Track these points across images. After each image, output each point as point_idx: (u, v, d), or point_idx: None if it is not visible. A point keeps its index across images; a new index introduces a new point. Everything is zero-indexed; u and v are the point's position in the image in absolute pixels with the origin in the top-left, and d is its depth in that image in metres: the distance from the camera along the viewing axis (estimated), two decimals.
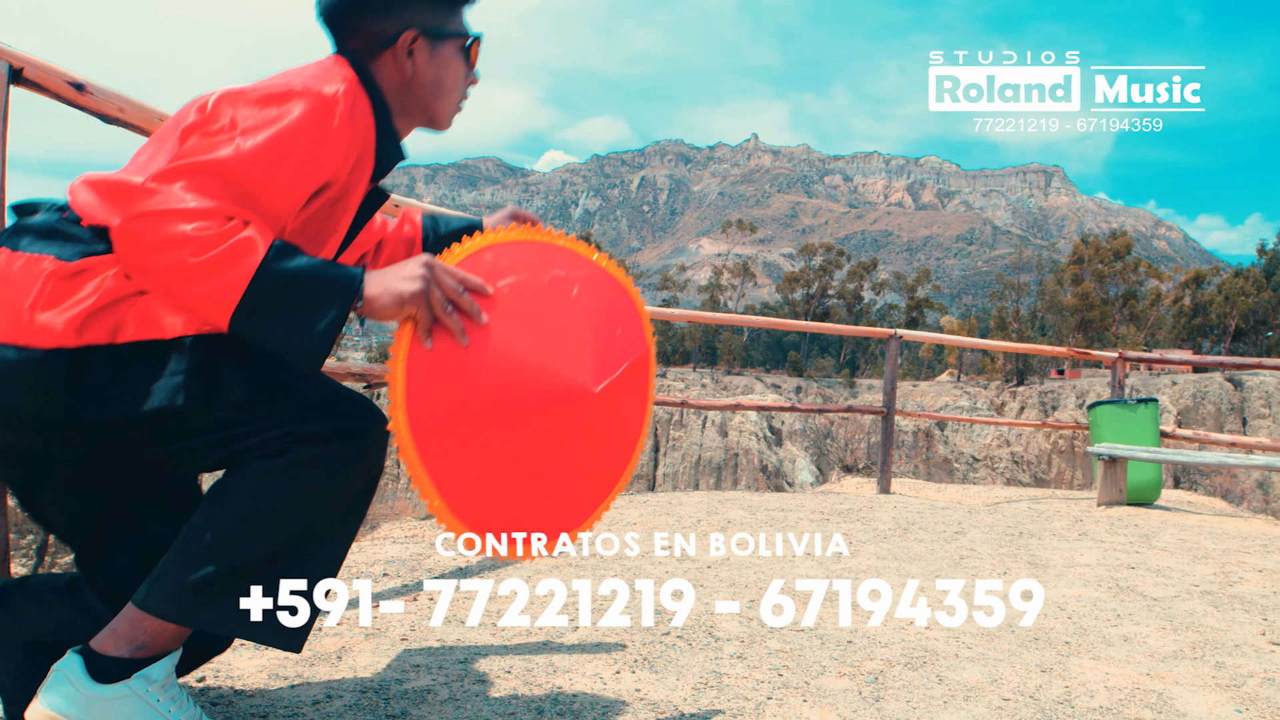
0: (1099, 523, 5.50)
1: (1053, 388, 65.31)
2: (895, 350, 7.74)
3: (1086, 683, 2.41)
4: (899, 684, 2.33)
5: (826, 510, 5.44)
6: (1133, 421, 7.33)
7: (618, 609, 2.95)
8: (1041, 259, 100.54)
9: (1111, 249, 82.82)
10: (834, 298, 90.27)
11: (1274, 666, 2.63)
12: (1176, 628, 3.02)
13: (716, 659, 2.48)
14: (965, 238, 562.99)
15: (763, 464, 58.50)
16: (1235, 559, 4.37)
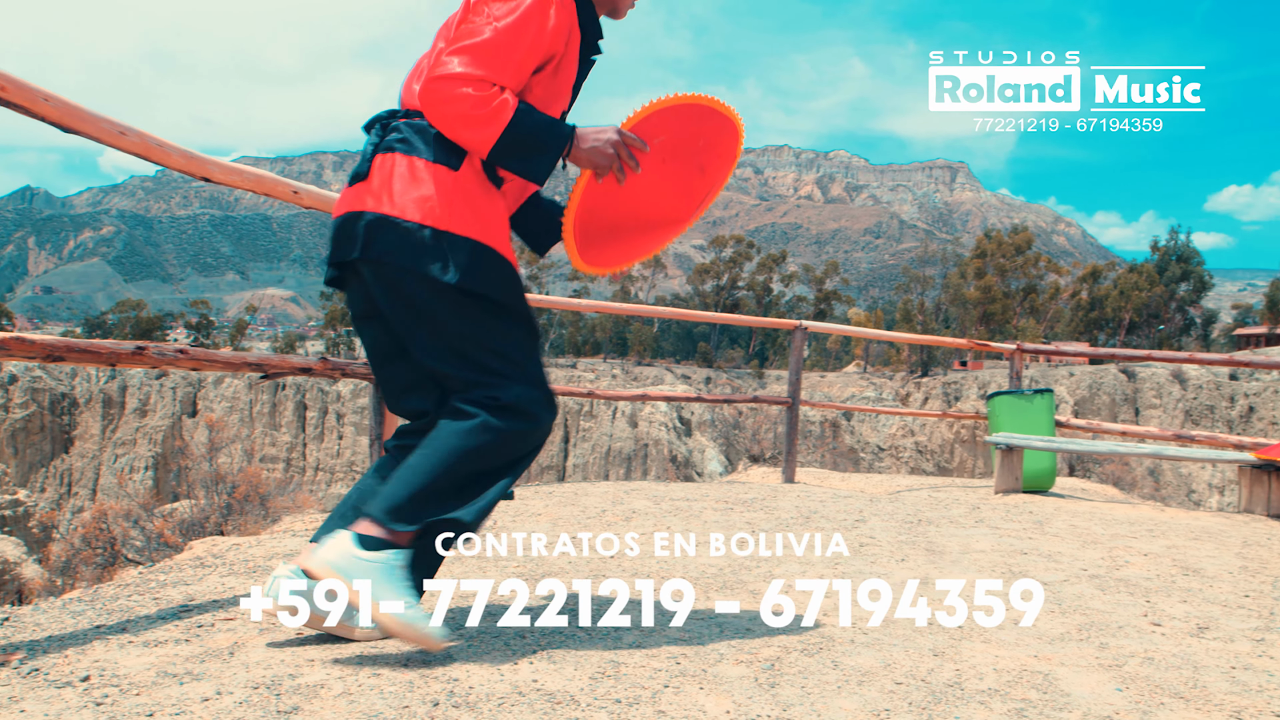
0: (995, 510, 5.63)
1: (956, 378, 66.72)
2: (800, 341, 7.82)
3: (976, 665, 2.47)
4: (795, 670, 2.36)
5: (731, 500, 5.48)
6: (1029, 411, 7.52)
7: (519, 605, 2.95)
8: (946, 253, 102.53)
9: (1013, 244, 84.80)
10: (744, 289, 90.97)
11: (1154, 646, 2.72)
12: (1064, 611, 3.11)
13: (615, 648, 2.49)
14: (873, 231, 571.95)
15: (672, 454, 58.78)
16: (1123, 544, 4.51)
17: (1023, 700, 2.22)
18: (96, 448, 64.72)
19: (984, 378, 63.01)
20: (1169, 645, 2.75)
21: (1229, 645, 2.78)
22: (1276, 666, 2.59)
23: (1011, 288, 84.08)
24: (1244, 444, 7.61)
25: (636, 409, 60.40)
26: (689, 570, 3.51)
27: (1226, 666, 2.57)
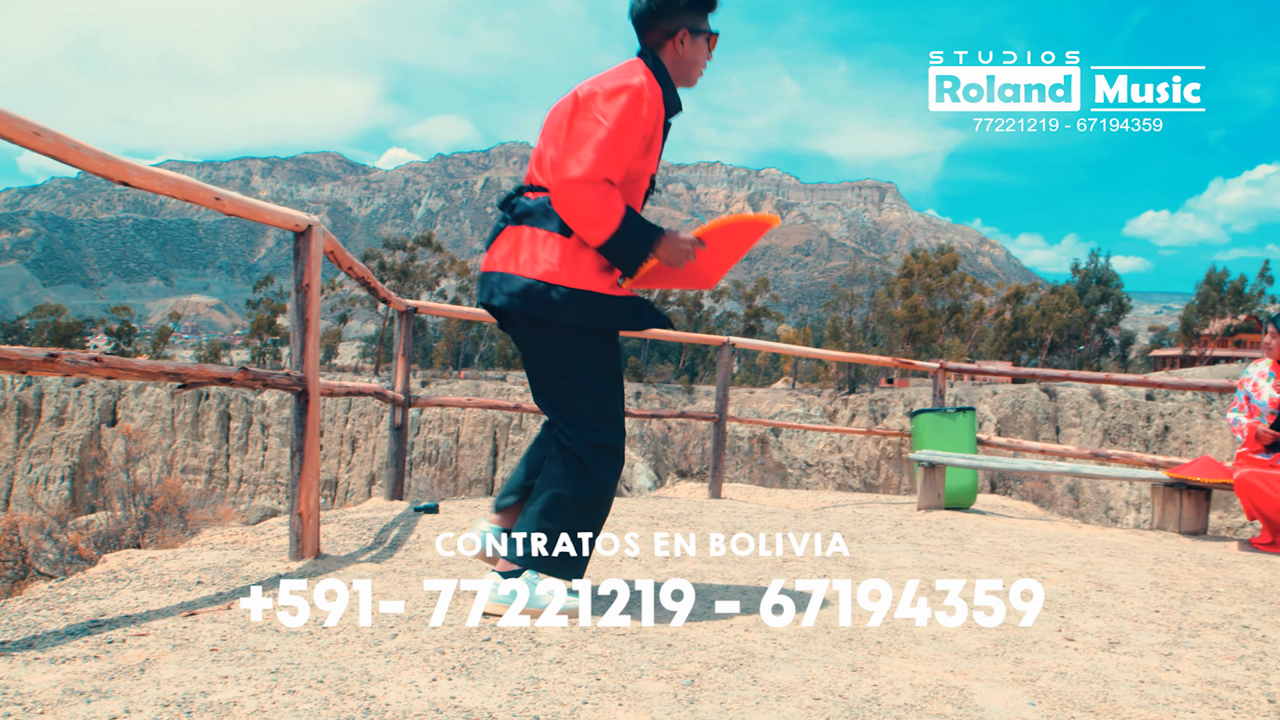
0: (917, 526, 5.70)
1: (882, 396, 67.46)
2: (728, 357, 7.87)
3: (894, 681, 2.49)
4: (714, 686, 2.36)
5: (656, 515, 5.49)
6: (951, 429, 7.63)
7: (440, 614, 2.92)
8: (874, 271, 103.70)
9: (939, 264, 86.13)
10: (674, 304, 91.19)
11: (1066, 661, 2.77)
12: (981, 626, 3.16)
13: (536, 664, 2.47)
14: (802, 249, 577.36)
15: None
16: (1040, 560, 4.59)
17: (938, 715, 2.25)
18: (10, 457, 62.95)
19: (910, 395, 63.83)
20: (1081, 660, 2.80)
21: (1139, 660, 2.84)
22: (1183, 680, 2.65)
23: (938, 307, 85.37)
24: (1158, 463, 7.79)
25: None
26: (617, 583, 3.50)
27: (1136, 681, 2.62)
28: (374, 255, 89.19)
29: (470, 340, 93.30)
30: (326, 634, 2.69)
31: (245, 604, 3.00)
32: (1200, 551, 5.32)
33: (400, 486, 6.52)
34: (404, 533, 4.57)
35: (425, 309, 6.78)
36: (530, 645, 2.65)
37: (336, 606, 2.98)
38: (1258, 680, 2.70)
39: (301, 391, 3.84)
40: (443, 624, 2.83)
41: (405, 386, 6.51)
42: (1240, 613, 3.63)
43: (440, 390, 64.33)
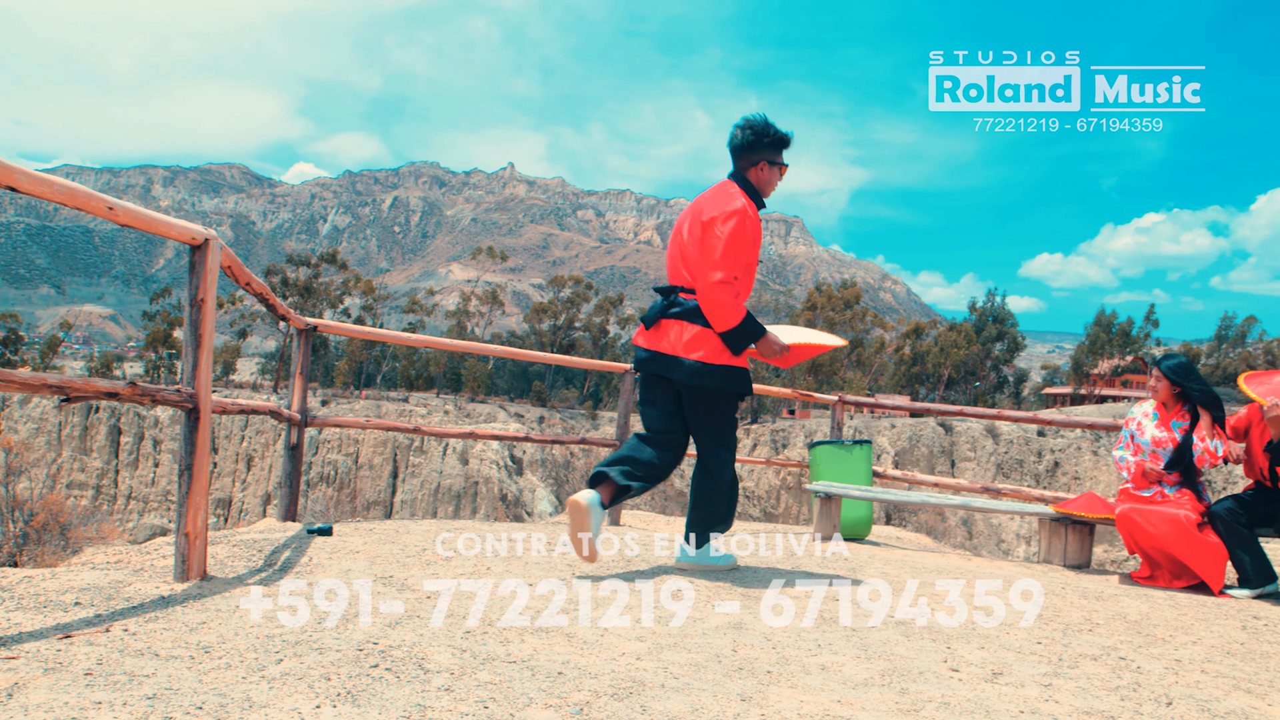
0: (813, 556, 5.76)
1: (784, 426, 68.20)
2: (630, 384, 7.89)
3: (782, 710, 2.51)
4: (603, 715, 2.36)
5: (554, 541, 5.46)
6: (848, 461, 7.74)
7: (330, 640, 2.87)
8: (779, 303, 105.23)
9: (842, 298, 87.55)
10: (580, 330, 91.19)
11: (950, 691, 2.82)
12: (870, 656, 3.20)
13: (424, 691, 2.44)
14: None
15: (503, 493, 58.27)
16: (930, 591, 4.67)
17: None
18: None
19: (811, 426, 64.63)
20: (965, 690, 2.86)
21: (1020, 690, 2.91)
22: (1061, 710, 2.72)
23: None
24: (1046, 498, 8.00)
25: (468, 446, 59.73)
26: (506, 611, 3.47)
27: (1016, 711, 2.69)
28: (277, 271, 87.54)
29: (373, 360, 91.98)
30: (208, 658, 2.62)
31: (125, 626, 2.91)
32: (1083, 584, 5.47)
33: (294, 507, 6.39)
34: (295, 555, 4.48)
35: (326, 327, 6.68)
36: (419, 672, 2.62)
37: (220, 630, 2.91)
38: (1130, 710, 2.78)
39: (192, 409, 3.76)
40: (330, 649, 2.78)
41: (302, 406, 6.40)
42: (1118, 644, 3.74)
43: (341, 410, 63.34)
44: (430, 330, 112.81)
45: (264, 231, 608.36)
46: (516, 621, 3.32)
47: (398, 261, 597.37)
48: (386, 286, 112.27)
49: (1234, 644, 4.00)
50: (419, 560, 4.50)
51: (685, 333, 4.42)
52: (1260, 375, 5.89)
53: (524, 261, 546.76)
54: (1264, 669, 3.54)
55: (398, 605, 3.47)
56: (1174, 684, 3.15)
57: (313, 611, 3.27)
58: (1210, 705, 2.92)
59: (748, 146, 4.52)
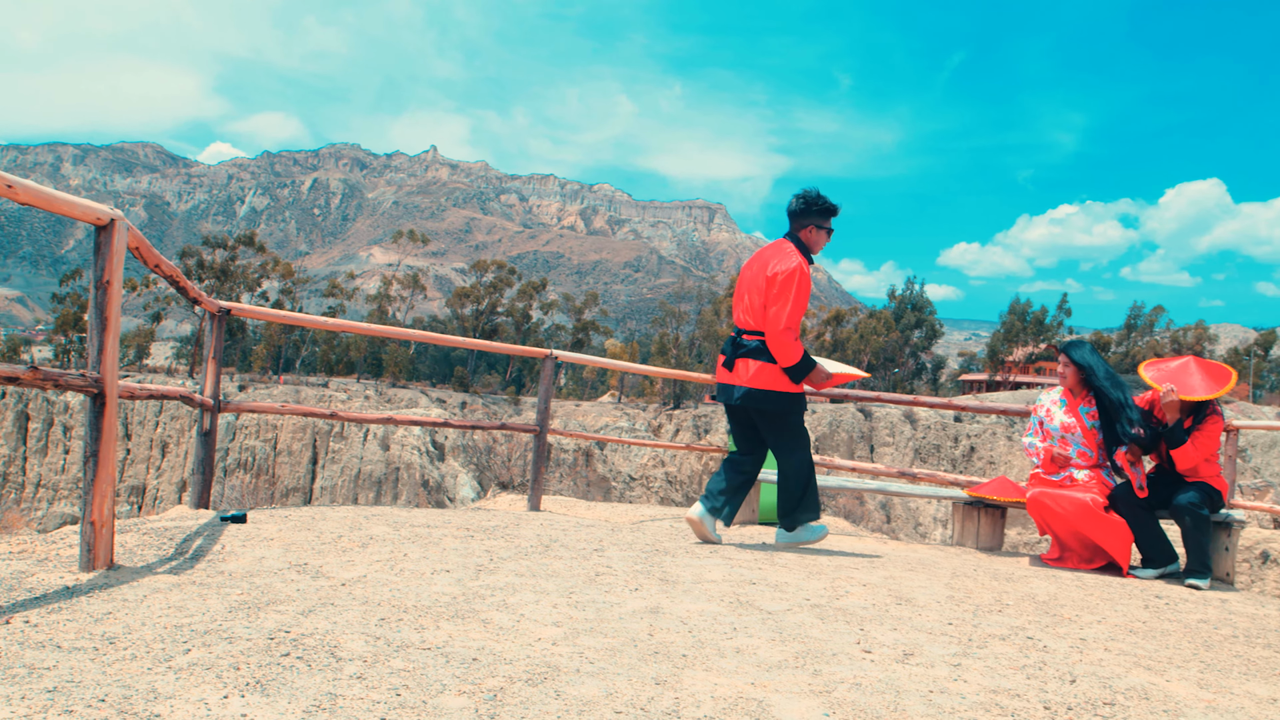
0: (730, 541, 5.81)
1: (706, 412, 68.57)
2: (550, 370, 7.86)
3: (695, 693, 2.53)
4: (517, 700, 2.35)
5: (473, 527, 5.43)
6: None
7: (240, 629, 2.82)
8: (702, 290, 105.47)
9: None
10: (503, 315, 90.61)
11: (862, 673, 2.87)
12: (784, 639, 3.23)
13: (335, 680, 2.41)
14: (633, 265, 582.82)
15: (424, 479, 57.82)
16: (845, 574, 4.73)
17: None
18: None
19: None
20: (876, 671, 2.90)
21: (930, 671, 2.96)
22: (969, 690, 2.78)
23: None
24: (960, 482, 8.15)
25: (389, 432, 59.15)
26: (421, 598, 3.45)
27: (925, 691, 2.73)
28: (192, 253, 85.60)
29: (292, 345, 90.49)
30: (113, 649, 2.56)
31: (26, 618, 2.83)
32: (994, 566, 5.59)
33: (207, 494, 6.28)
34: (208, 543, 4.40)
35: (240, 311, 6.55)
36: (331, 660, 2.58)
37: (126, 620, 2.85)
38: (1036, 689, 2.85)
39: (98, 394, 3.66)
40: (241, 638, 2.74)
41: (215, 391, 6.28)
42: (1026, 624, 3.83)
43: (259, 395, 62.29)
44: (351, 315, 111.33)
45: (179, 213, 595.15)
46: (432, 608, 3.30)
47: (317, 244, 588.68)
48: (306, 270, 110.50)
49: (1136, 623, 4.11)
50: (335, 547, 4.45)
51: (751, 369, 5.45)
52: (1158, 362, 6.08)
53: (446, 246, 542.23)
54: (1164, 646, 3.65)
55: (311, 593, 3.42)
56: (1078, 662, 3.23)
57: (223, 600, 3.21)
58: (1112, 682, 3.00)
59: (800, 213, 5.58)
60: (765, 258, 5.51)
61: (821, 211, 5.58)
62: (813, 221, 5.58)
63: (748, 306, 5.50)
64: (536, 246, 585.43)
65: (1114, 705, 2.75)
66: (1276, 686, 3.17)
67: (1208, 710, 2.80)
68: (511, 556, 4.51)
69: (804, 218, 5.58)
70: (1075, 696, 2.80)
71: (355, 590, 3.52)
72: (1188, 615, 4.45)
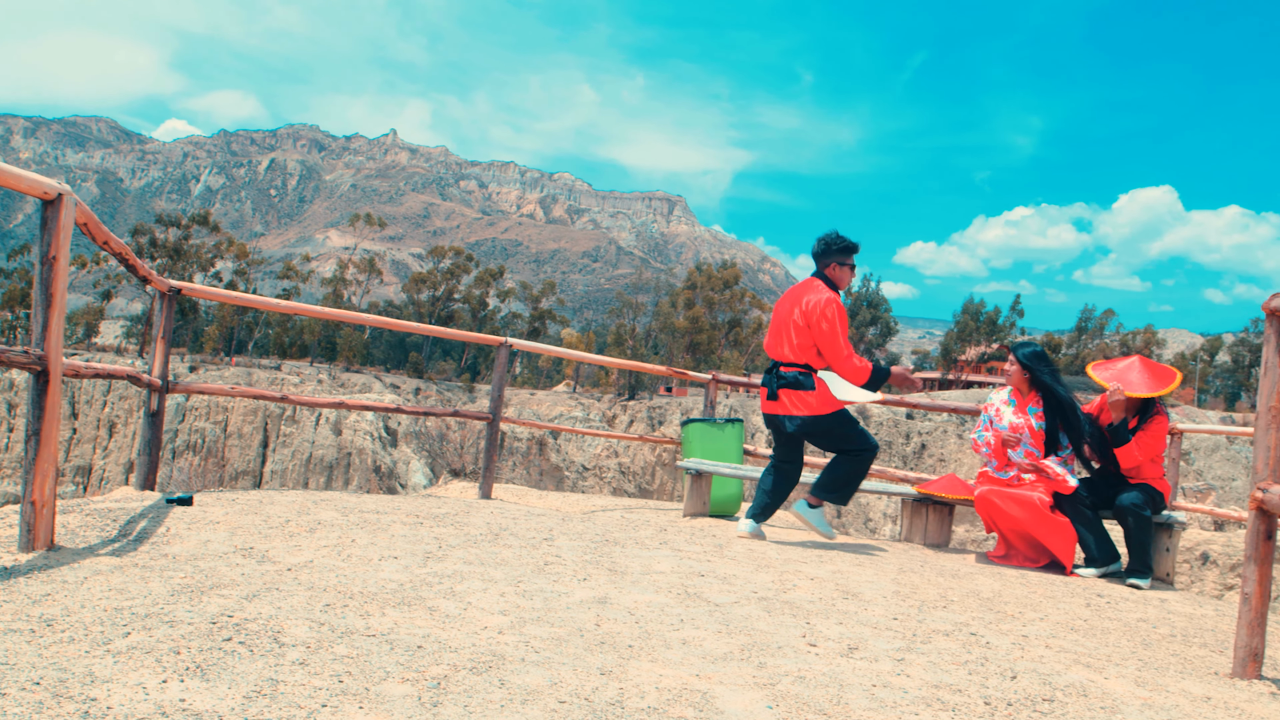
0: (681, 533, 5.82)
1: (661, 403, 68.73)
2: (504, 358, 7.84)
3: (640, 684, 2.53)
4: (460, 689, 2.34)
5: (422, 514, 5.40)
6: (720, 439, 7.83)
7: (182, 612, 2.79)
8: (659, 282, 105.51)
9: (722, 278, 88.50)
10: (459, 302, 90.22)
11: (807, 666, 2.88)
12: (731, 631, 3.25)
13: (277, 665, 2.39)
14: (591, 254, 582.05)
15: (376, 464, 57.46)
16: (793, 568, 4.76)
17: (679, 718, 2.30)
18: None
19: (688, 404, 65.25)
20: (821, 664, 2.92)
21: (874, 665, 2.99)
22: (912, 684, 2.80)
23: (718, 320, 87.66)
24: (909, 479, 8.22)
25: (341, 417, 58.70)
26: (368, 584, 3.42)
27: (869, 684, 2.76)
28: (145, 231, 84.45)
29: (245, 326, 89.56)
30: (50, 631, 2.52)
31: None
32: (941, 563, 5.64)
33: (154, 476, 6.20)
34: (152, 525, 4.34)
35: (190, 290, 6.47)
36: (274, 645, 2.56)
37: (65, 602, 2.80)
38: (977, 684, 2.88)
39: (41, 371, 3.60)
40: (182, 622, 2.70)
41: (164, 371, 6.20)
42: (970, 620, 3.87)
43: (210, 377, 61.61)
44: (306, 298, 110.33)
45: (132, 189, 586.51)
46: (379, 595, 3.28)
47: (273, 226, 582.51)
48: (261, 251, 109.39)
49: (1078, 620, 4.17)
50: (282, 532, 4.41)
51: (792, 398, 5.90)
52: (1106, 363, 6.18)
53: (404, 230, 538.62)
54: (1103, 644, 3.70)
55: (256, 578, 3.39)
56: (1020, 658, 3.27)
57: (166, 584, 3.17)
58: (1052, 679, 3.04)
59: (822, 254, 6.02)
60: (798, 294, 6.00)
61: (841, 250, 6.00)
62: (834, 259, 6.00)
63: (790, 344, 5.96)
64: (495, 234, 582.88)
65: (1053, 702, 2.79)
66: (1211, 685, 3.23)
67: (1144, 707, 2.84)
68: (460, 544, 4.49)
69: (827, 257, 6.00)
70: (1015, 692, 2.84)
71: (301, 575, 3.49)
72: (1128, 614, 4.52)
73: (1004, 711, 2.65)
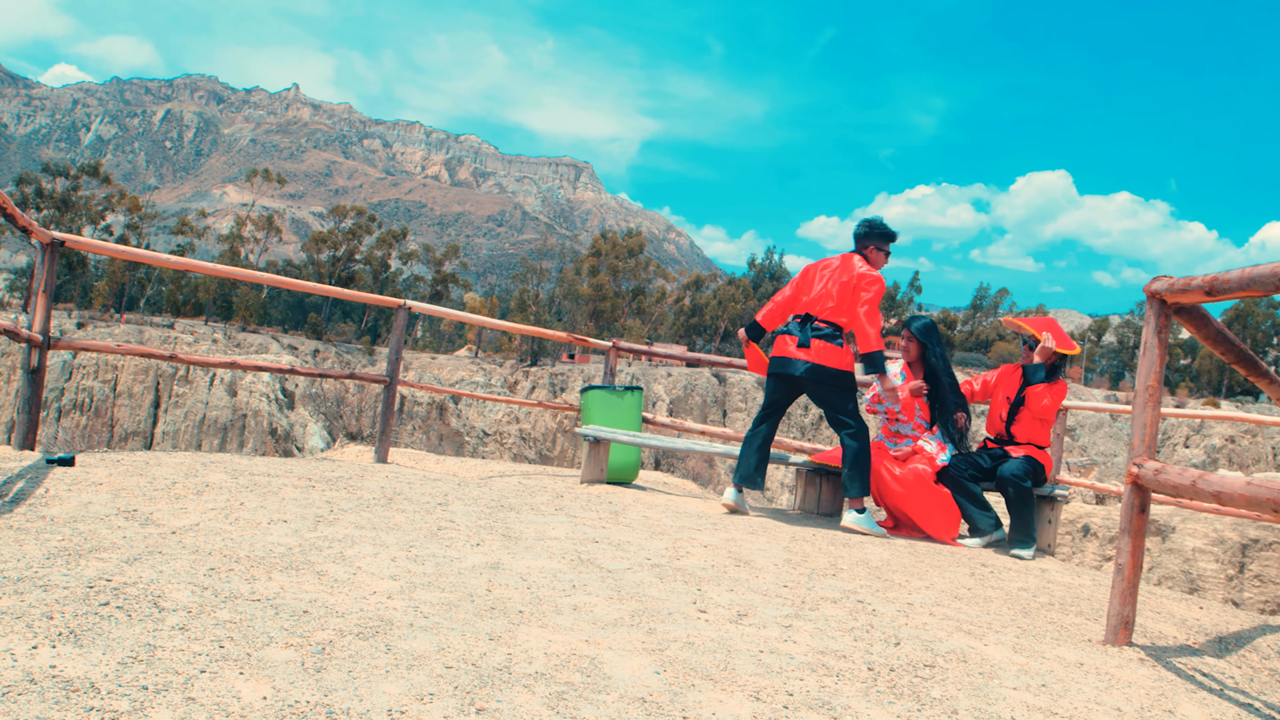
0: (577, 499, 5.83)
1: (563, 370, 68.69)
2: (403, 321, 7.73)
3: (529, 649, 2.53)
4: (345, 654, 2.32)
5: (315, 477, 5.32)
6: (619, 406, 7.84)
7: (58, 576, 2.70)
8: (564, 248, 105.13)
9: (627, 247, 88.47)
10: (361, 263, 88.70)
11: (696, 632, 2.91)
12: (622, 597, 3.26)
13: (156, 631, 2.33)
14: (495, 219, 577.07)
15: (272, 427, 56.41)
16: (688, 535, 4.80)
17: (566, 684, 2.30)
18: None
19: (590, 371, 65.30)
20: (710, 631, 2.95)
21: (761, 631, 3.03)
22: (798, 650, 2.85)
23: (622, 288, 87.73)
24: (805, 449, 8.34)
25: (236, 377, 57.46)
26: (255, 548, 3.36)
27: (756, 650, 2.80)
28: (31, 180, 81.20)
29: (136, 282, 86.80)
30: None
31: None
32: (833, 532, 5.74)
33: (33, 435, 5.99)
34: (30, 486, 4.20)
35: (76, 243, 6.24)
36: (153, 610, 2.50)
37: None
38: (862, 650, 2.94)
39: None
40: (57, 586, 2.62)
41: (45, 326, 5.98)
42: (858, 588, 3.95)
43: (99, 334, 59.75)
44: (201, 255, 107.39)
45: (17, 136, 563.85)
46: (266, 559, 3.22)
47: (168, 179, 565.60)
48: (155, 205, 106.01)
49: (962, 589, 4.28)
50: (168, 494, 4.30)
51: (822, 349, 6.07)
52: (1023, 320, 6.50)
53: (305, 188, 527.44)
54: (985, 612, 3.81)
55: (139, 541, 3.30)
56: (904, 626, 3.35)
57: (42, 546, 3.07)
58: (934, 645, 3.12)
59: (863, 236, 6.29)
60: (845, 261, 6.25)
61: (882, 236, 6.33)
62: (874, 243, 6.30)
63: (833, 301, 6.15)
64: (399, 194, 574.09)
65: (934, 667, 2.86)
66: (1085, 651, 3.35)
67: (1020, 673, 2.93)
68: (353, 508, 4.43)
69: (868, 240, 6.30)
70: (898, 658, 2.91)
71: (186, 539, 3.41)
72: (1009, 583, 4.65)
73: (886, 677, 2.71)
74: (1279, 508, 2.69)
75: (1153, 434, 3.55)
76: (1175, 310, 3.57)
